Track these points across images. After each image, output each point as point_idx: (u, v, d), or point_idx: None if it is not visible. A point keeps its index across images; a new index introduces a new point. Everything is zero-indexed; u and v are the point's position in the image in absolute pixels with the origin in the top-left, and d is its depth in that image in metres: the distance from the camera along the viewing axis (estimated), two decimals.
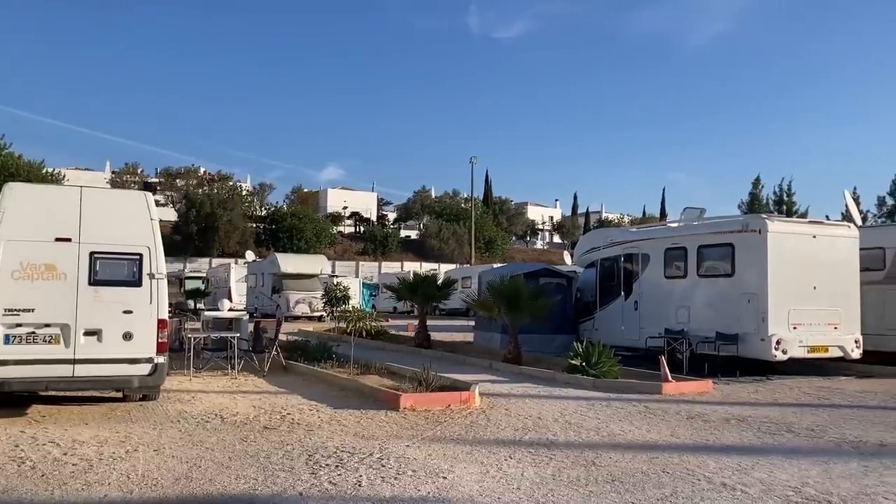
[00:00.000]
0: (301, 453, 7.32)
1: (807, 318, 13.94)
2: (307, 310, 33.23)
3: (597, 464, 7.05)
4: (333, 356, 14.34)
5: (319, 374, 12.99)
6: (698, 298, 15.33)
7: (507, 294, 15.29)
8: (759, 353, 13.84)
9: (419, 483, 6.27)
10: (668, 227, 18.51)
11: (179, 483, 6.18)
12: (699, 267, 15.40)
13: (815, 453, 7.72)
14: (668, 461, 7.20)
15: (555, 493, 6.02)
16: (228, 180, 78.39)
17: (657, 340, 15.52)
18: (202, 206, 64.57)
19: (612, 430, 8.79)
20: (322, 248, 63.31)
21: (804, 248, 14.18)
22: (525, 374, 14.00)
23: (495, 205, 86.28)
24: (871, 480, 6.59)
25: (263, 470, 6.64)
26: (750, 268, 14.18)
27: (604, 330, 17.56)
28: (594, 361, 12.98)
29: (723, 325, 14.36)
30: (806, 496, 6.04)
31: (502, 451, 7.56)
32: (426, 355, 16.29)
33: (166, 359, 9.55)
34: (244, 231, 66.28)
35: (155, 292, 9.38)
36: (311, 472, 6.57)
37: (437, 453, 7.37)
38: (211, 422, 8.96)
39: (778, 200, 48.57)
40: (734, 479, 6.55)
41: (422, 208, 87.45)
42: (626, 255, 17.48)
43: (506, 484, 6.29)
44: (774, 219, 14.89)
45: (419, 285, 20.37)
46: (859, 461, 7.35)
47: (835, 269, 14.37)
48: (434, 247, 71.95)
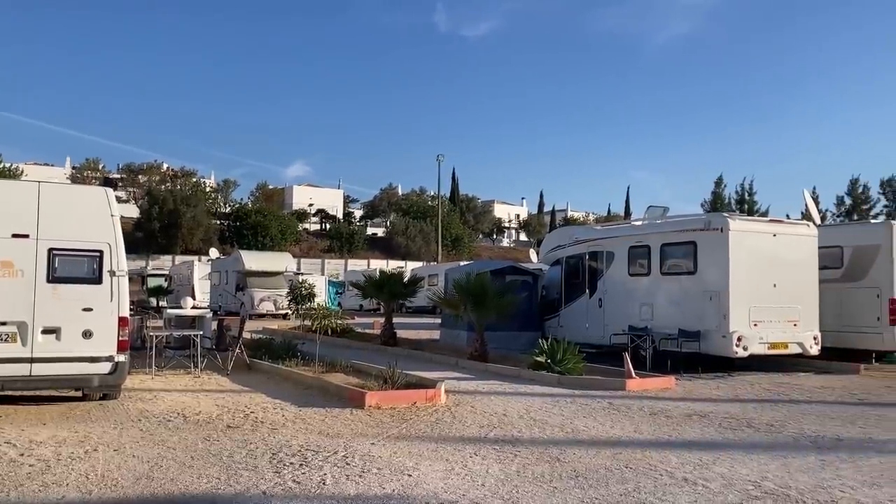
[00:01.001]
0: (265, 452, 7.25)
1: (767, 315, 14.18)
2: (272, 308, 32.97)
3: (561, 460, 7.10)
4: (298, 354, 14.23)
5: (284, 373, 12.89)
6: (661, 296, 15.51)
7: (473, 292, 15.31)
8: (721, 349, 14.04)
9: (384, 481, 6.25)
10: (631, 226, 18.69)
11: (140, 483, 6.09)
12: (662, 265, 15.58)
13: (775, 448, 7.86)
14: (632, 457, 7.27)
15: (519, 490, 6.05)
16: (192, 177, 77.42)
17: (621, 337, 15.68)
18: (165, 202, 63.68)
19: (577, 427, 8.85)
20: (287, 246, 62.82)
21: (765, 247, 14.42)
22: (491, 371, 14.05)
23: (462, 203, 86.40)
24: (828, 474, 6.72)
25: (226, 469, 6.57)
26: (712, 266, 14.38)
27: (569, 327, 17.68)
28: (559, 358, 13.07)
29: (685, 322, 14.55)
30: (765, 490, 6.14)
31: (467, 448, 7.57)
32: (392, 353, 16.26)
33: (127, 357, 9.41)
34: (208, 228, 65.53)
35: (116, 290, 9.23)
36: (274, 471, 6.51)
37: (403, 451, 7.36)
38: (173, 421, 8.84)
39: (740, 199, 49.36)
40: (695, 473, 6.64)
41: (389, 206, 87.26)
42: (591, 253, 17.61)
43: (471, 481, 6.30)
44: (736, 217, 15.12)
45: (385, 283, 20.32)
46: (817, 455, 7.49)
47: (794, 267, 14.64)
48: (401, 244, 71.82)
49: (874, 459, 7.34)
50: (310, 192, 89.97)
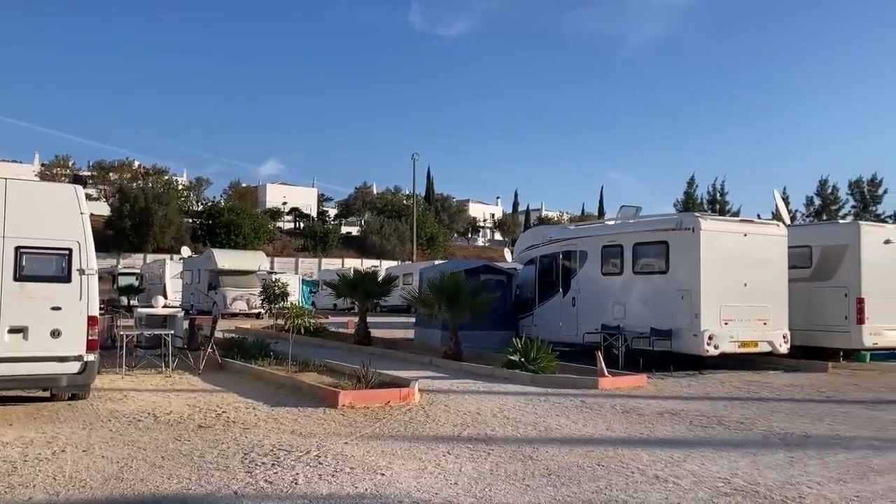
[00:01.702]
0: (236, 452, 7.20)
1: (737, 314, 14.35)
2: (244, 307, 32.75)
3: (534, 458, 7.13)
4: (271, 354, 14.15)
5: (256, 372, 12.81)
6: (634, 295, 15.63)
7: (447, 291, 15.32)
8: (692, 348, 14.19)
9: (357, 480, 6.24)
10: (605, 225, 18.82)
11: (109, 484, 6.01)
12: (635, 264, 15.70)
13: (745, 445, 7.96)
14: (604, 454, 7.32)
15: (492, 488, 6.06)
16: (164, 174, 76.48)
17: (594, 336, 15.78)
18: (136, 200, 62.89)
19: (550, 425, 8.89)
20: (260, 245, 62.30)
21: (735, 246, 14.59)
22: (465, 370, 14.07)
23: (437, 202, 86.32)
24: (796, 470, 6.82)
25: (197, 469, 6.51)
26: (683, 265, 14.52)
27: (542, 326, 17.76)
28: (533, 357, 13.12)
29: (657, 321, 14.68)
30: (735, 487, 6.21)
31: (441, 446, 7.58)
32: (366, 352, 16.23)
33: (97, 357, 9.30)
34: (180, 226, 64.83)
35: (85, 288, 9.11)
36: (246, 471, 6.47)
37: (376, 450, 7.34)
38: (143, 421, 8.75)
39: (711, 199, 49.96)
40: (667, 471, 6.70)
41: (363, 205, 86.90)
42: (565, 252, 17.71)
43: (444, 479, 6.30)
44: (707, 217, 15.29)
45: (359, 282, 20.27)
46: (785, 452, 7.60)
47: (764, 267, 14.83)
48: (375, 243, 71.62)
49: (841, 456, 7.46)
50: (283, 190, 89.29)
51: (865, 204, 48.02)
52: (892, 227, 18.60)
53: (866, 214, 45.53)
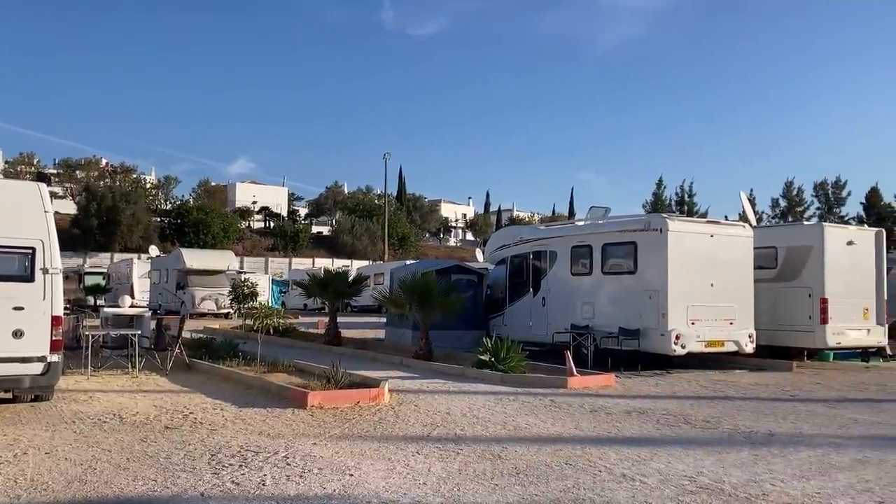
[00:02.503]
0: (203, 453, 7.13)
1: (704, 313, 14.52)
2: (213, 307, 32.48)
3: (503, 457, 7.15)
4: (239, 354, 14.04)
5: (224, 373, 12.69)
6: (603, 295, 15.75)
7: (418, 290, 15.32)
8: (660, 347, 14.33)
9: (325, 481, 6.21)
10: (574, 226, 18.93)
11: (72, 486, 5.92)
12: (604, 264, 15.82)
13: (710, 444, 8.06)
14: (572, 453, 7.37)
15: (461, 488, 6.07)
16: (132, 173, 75.57)
17: (563, 336, 15.87)
18: (103, 199, 62.06)
19: (519, 424, 8.93)
20: (230, 244, 61.82)
21: (702, 247, 14.76)
22: (435, 370, 14.07)
23: (409, 202, 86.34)
24: (760, 468, 6.92)
25: (163, 471, 6.44)
26: (651, 265, 14.66)
27: (513, 326, 17.82)
28: (503, 357, 13.16)
29: (625, 320, 14.80)
30: (700, 485, 6.29)
31: (410, 446, 7.57)
32: (336, 352, 16.17)
33: (61, 357, 9.15)
34: (148, 225, 64.09)
35: (49, 288, 8.96)
36: (213, 472, 6.41)
37: (344, 451, 7.32)
38: (109, 422, 8.63)
39: (680, 201, 50.54)
40: (634, 469, 6.77)
41: (334, 204, 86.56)
42: (535, 252, 17.79)
43: (412, 479, 6.30)
44: (675, 218, 15.46)
45: (330, 282, 20.18)
46: (750, 450, 7.71)
47: (731, 267, 15.02)
48: (346, 243, 71.38)
49: (804, 453, 7.58)
50: (253, 189, 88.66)
51: (830, 206, 48.95)
52: (854, 228, 18.96)
53: (831, 216, 46.43)
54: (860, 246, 16.63)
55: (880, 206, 46.83)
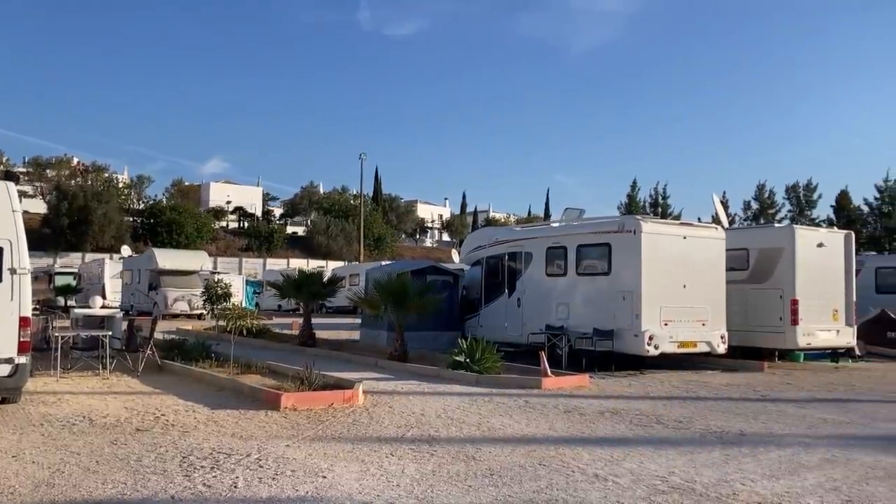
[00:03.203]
0: (175, 455, 7.06)
1: (677, 314, 14.65)
2: (186, 308, 32.18)
3: (476, 458, 7.16)
4: (212, 355, 13.90)
5: (197, 374, 12.58)
6: (577, 296, 15.83)
7: (393, 291, 15.29)
8: (633, 348, 14.43)
9: (297, 483, 6.17)
10: (549, 227, 19.02)
11: (39, 490, 5.83)
12: (578, 265, 15.91)
13: (682, 444, 8.13)
14: (545, 454, 7.40)
15: (434, 489, 6.07)
16: (104, 172, 74.58)
17: (538, 336, 15.93)
18: (75, 198, 61.22)
19: (493, 425, 8.95)
20: (203, 244, 61.22)
21: (675, 249, 14.89)
22: (410, 371, 14.05)
23: (385, 202, 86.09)
24: (731, 468, 6.99)
25: (134, 473, 6.36)
26: (625, 267, 14.76)
27: (488, 326, 17.85)
28: (477, 358, 13.17)
29: (599, 321, 14.89)
30: (672, 485, 6.34)
31: (384, 448, 7.55)
32: (310, 354, 16.07)
33: (29, 359, 9.03)
34: (120, 225, 63.29)
35: (17, 288, 8.83)
36: (184, 475, 6.34)
37: (318, 452, 7.28)
38: (78, 424, 8.51)
39: (654, 203, 50.93)
40: (606, 469, 6.81)
41: (309, 204, 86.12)
42: (510, 253, 17.84)
43: (386, 481, 6.29)
44: (648, 220, 15.59)
45: (304, 283, 20.08)
46: (721, 450, 7.79)
47: (703, 269, 15.17)
48: (322, 244, 71.05)
49: (774, 453, 7.67)
50: (227, 189, 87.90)
51: (801, 208, 49.55)
52: (825, 230, 19.22)
53: (802, 218, 46.98)
54: (830, 248, 16.87)
55: (850, 209, 47.51)
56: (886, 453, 7.77)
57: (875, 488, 6.37)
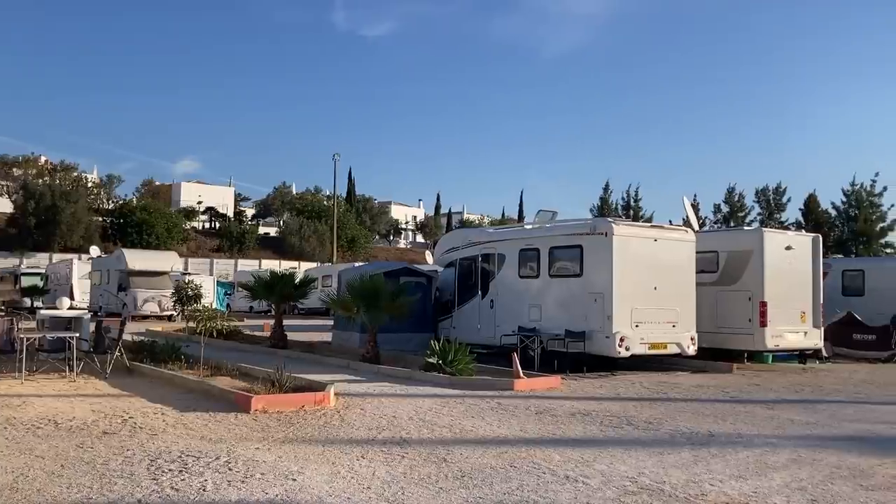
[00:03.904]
0: (142, 458, 6.97)
1: (648, 316, 14.77)
2: (156, 309, 31.91)
3: (448, 460, 7.15)
4: (182, 357, 13.77)
5: (166, 376, 12.44)
6: (549, 297, 15.89)
7: (366, 293, 15.23)
8: (605, 349, 14.52)
9: (267, 486, 6.12)
10: (522, 229, 19.09)
11: (3, 495, 5.72)
12: (551, 267, 15.97)
13: (652, 445, 8.19)
14: (517, 455, 7.41)
15: (405, 492, 6.05)
16: (72, 171, 73.53)
17: (511, 338, 15.96)
18: (42, 197, 60.28)
19: (465, 427, 8.95)
20: (174, 245, 60.65)
21: (646, 251, 15.01)
22: (383, 373, 14.01)
23: (359, 203, 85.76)
24: (700, 468, 7.06)
25: (100, 477, 6.27)
26: (597, 268, 14.85)
27: (461, 328, 17.87)
28: (450, 359, 13.17)
29: (571, 323, 14.96)
30: (641, 485, 6.38)
31: (355, 450, 7.52)
32: (282, 355, 15.99)
33: None
34: (89, 225, 62.45)
35: None
36: (152, 478, 6.26)
37: (288, 455, 7.23)
38: (43, 428, 8.37)
39: (626, 205, 51.37)
40: (577, 471, 6.84)
41: (282, 205, 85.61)
42: (484, 255, 17.86)
43: (356, 484, 6.26)
44: (620, 222, 15.70)
45: (276, 284, 19.94)
46: (690, 451, 7.86)
47: (674, 271, 15.30)
48: (294, 245, 70.64)
49: (742, 454, 7.76)
50: (199, 189, 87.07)
51: (770, 211, 50.27)
52: (792, 233, 19.50)
53: (771, 221, 47.66)
54: (798, 251, 17.11)
55: (818, 213, 48.29)
56: (851, 453, 7.90)
57: (839, 487, 6.47)
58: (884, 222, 45.22)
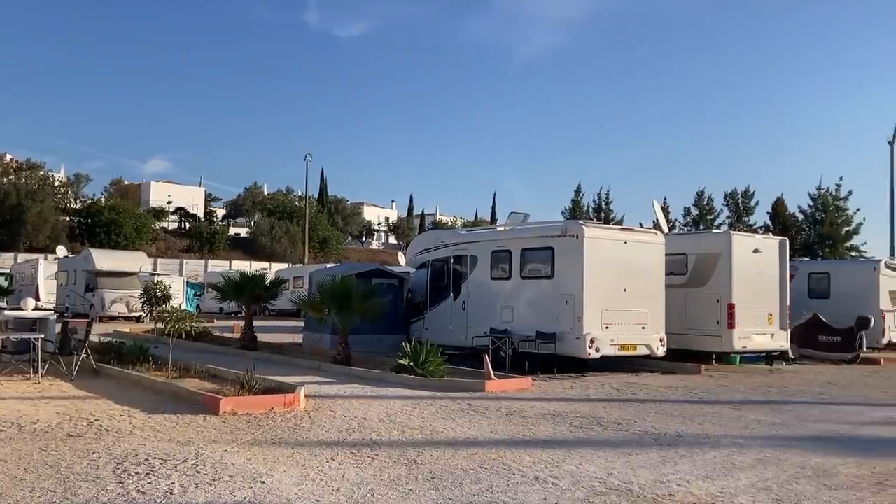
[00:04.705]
0: (108, 461, 6.87)
1: (618, 318, 14.88)
2: (124, 310, 31.53)
3: (418, 462, 7.15)
4: (150, 359, 13.60)
5: (134, 378, 12.29)
6: (521, 299, 15.95)
7: (337, 294, 15.17)
8: (575, 350, 14.61)
9: (235, 488, 6.07)
10: (495, 231, 19.13)
11: None
12: (522, 269, 16.03)
13: (621, 445, 8.26)
14: (487, 457, 7.43)
15: (375, 494, 6.03)
16: (39, 170, 72.32)
17: (483, 339, 15.99)
18: (7, 196, 59.31)
19: (435, 429, 8.95)
20: (143, 245, 59.99)
21: (617, 253, 15.13)
22: (354, 374, 13.96)
23: (331, 204, 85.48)
24: (668, 469, 7.13)
25: (64, 481, 6.17)
26: (568, 270, 14.93)
27: (433, 330, 17.86)
28: (422, 361, 13.16)
29: (543, 324, 15.03)
30: (610, 486, 6.43)
31: (325, 452, 7.48)
32: (252, 357, 15.90)
33: None
34: (56, 225, 61.53)
35: None
36: (118, 482, 6.18)
37: (257, 457, 7.17)
38: (6, 431, 8.21)
39: (597, 207, 51.73)
40: (546, 472, 6.87)
41: (253, 205, 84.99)
42: (456, 256, 17.87)
43: (325, 486, 6.23)
44: (591, 225, 15.83)
45: (246, 285, 19.79)
46: (658, 451, 7.93)
47: (643, 273, 15.44)
48: (265, 245, 70.18)
49: (709, 454, 7.85)
50: (169, 188, 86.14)
51: (739, 215, 50.90)
52: (760, 237, 19.78)
53: (740, 224, 48.26)
54: (765, 254, 17.37)
55: (785, 216, 49.01)
56: (815, 453, 8.02)
57: (804, 487, 6.57)
58: (849, 226, 45.98)
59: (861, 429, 9.85)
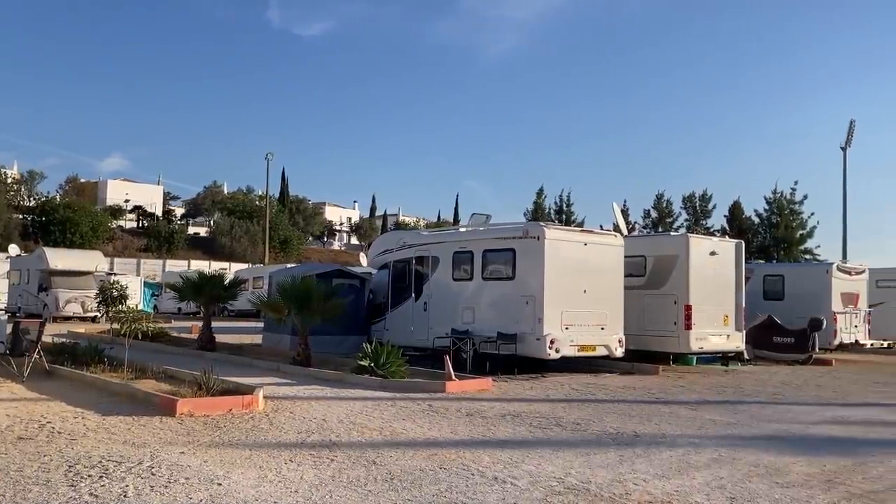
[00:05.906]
0: (60, 464, 6.73)
1: (577, 319, 15.03)
2: (79, 310, 30.96)
3: (377, 463, 7.13)
4: (105, 360, 13.34)
5: (88, 379, 12.06)
6: (482, 300, 16.02)
7: (297, 295, 15.06)
8: (535, 351, 14.70)
9: (191, 491, 5.99)
10: (457, 232, 19.17)
11: None
12: (484, 270, 16.09)
13: (579, 445, 8.33)
14: (446, 457, 7.44)
15: (333, 495, 6.00)
16: None
17: (444, 340, 16.01)
18: None
19: (395, 430, 8.93)
20: (99, 244, 58.77)
21: (576, 255, 15.27)
22: (314, 375, 13.86)
23: (292, 203, 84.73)
24: (625, 468, 7.21)
25: (13, 485, 6.02)
26: (529, 272, 15.03)
27: (395, 330, 17.83)
28: (382, 362, 13.13)
29: (503, 325, 15.10)
30: (568, 485, 6.48)
31: (283, 454, 7.42)
32: (210, 358, 15.70)
33: None
34: (8, 223, 60.07)
35: None
36: (69, 485, 6.05)
37: (214, 459, 7.09)
38: None
39: (559, 210, 52.14)
40: (505, 472, 6.90)
41: (213, 204, 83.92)
42: (418, 257, 17.87)
43: (283, 487, 6.18)
44: (551, 227, 15.95)
45: (204, 284, 19.54)
46: (616, 451, 8.02)
47: (603, 274, 15.61)
48: (225, 245, 69.39)
49: (665, 454, 7.96)
50: (126, 187, 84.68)
51: (697, 218, 51.69)
52: (717, 239, 20.12)
53: (698, 227, 49.02)
54: (722, 256, 17.67)
55: (742, 219, 49.90)
56: (768, 452, 8.19)
57: (757, 485, 6.70)
58: (803, 230, 46.97)
59: (812, 428, 10.07)
